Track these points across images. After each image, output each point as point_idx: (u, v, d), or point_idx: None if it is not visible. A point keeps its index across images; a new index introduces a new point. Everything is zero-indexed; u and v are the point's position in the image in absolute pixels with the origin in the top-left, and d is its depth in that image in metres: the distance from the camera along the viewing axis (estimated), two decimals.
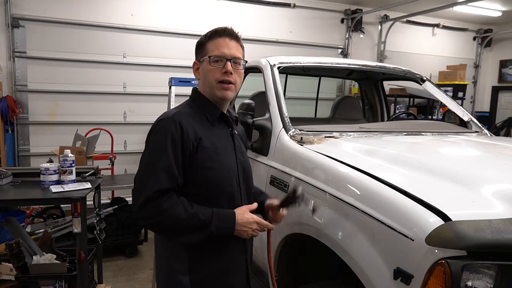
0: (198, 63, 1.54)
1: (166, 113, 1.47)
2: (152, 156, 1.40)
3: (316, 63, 3.03)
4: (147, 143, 1.44)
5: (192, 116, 1.47)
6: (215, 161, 1.45)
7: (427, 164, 1.73)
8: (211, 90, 1.50)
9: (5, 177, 2.74)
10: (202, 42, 1.52)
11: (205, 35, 1.52)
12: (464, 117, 2.97)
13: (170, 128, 1.38)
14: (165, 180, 1.35)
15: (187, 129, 1.40)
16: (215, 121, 1.52)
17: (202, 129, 1.46)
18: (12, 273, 2.80)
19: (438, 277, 1.21)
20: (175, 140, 1.38)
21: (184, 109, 1.49)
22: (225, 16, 6.01)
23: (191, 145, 1.40)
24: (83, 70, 5.36)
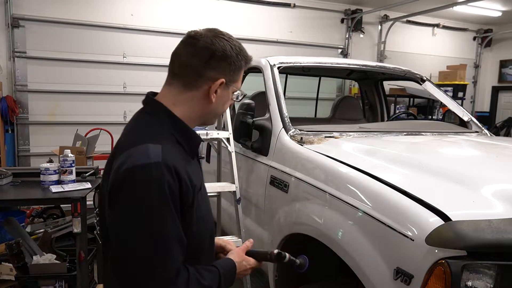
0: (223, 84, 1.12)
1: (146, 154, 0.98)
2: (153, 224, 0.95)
3: (316, 63, 3.04)
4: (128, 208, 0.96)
5: (179, 153, 1.07)
6: (203, 207, 1.11)
7: (427, 164, 1.73)
8: (212, 118, 1.21)
9: (5, 177, 2.74)
10: (241, 64, 1.14)
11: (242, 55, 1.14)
12: (464, 117, 2.97)
13: (166, 178, 0.96)
14: (178, 254, 0.98)
15: (184, 176, 1.01)
16: (195, 154, 1.18)
17: (189, 168, 1.07)
18: (12, 273, 2.80)
19: (438, 277, 1.21)
20: (174, 195, 0.98)
21: (168, 144, 1.04)
22: (225, 16, 6.01)
23: (190, 197, 1.03)
24: (83, 70, 5.36)
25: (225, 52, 1.10)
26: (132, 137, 1.06)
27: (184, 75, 1.12)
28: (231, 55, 1.11)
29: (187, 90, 1.12)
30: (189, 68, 1.11)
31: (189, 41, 1.13)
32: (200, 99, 1.12)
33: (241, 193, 2.56)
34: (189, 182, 1.03)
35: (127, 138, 1.07)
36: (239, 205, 2.53)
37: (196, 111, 1.14)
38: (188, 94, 1.12)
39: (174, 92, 1.13)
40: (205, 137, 2.67)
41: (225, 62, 1.11)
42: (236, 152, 2.63)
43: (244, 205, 2.58)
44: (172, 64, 1.15)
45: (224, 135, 2.64)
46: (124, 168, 0.97)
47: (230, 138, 2.62)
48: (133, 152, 0.99)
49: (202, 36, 1.11)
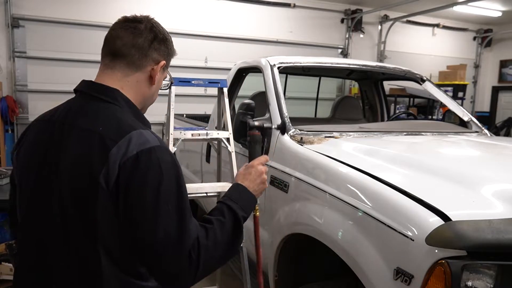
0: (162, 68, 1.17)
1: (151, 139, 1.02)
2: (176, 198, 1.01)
3: (316, 63, 3.03)
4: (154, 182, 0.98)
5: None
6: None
7: (427, 164, 1.73)
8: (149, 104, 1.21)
9: (5, 177, 2.75)
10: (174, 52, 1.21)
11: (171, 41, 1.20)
12: (464, 117, 2.97)
13: (172, 158, 1.04)
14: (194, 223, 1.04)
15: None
16: None
17: None
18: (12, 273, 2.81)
19: (438, 277, 1.21)
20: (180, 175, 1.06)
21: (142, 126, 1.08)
22: (225, 16, 6.02)
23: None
24: (83, 70, 5.37)
25: (165, 35, 1.16)
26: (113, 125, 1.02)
27: (128, 55, 1.10)
28: (169, 39, 1.18)
29: (132, 71, 1.11)
30: (133, 49, 1.10)
31: (130, 24, 1.13)
32: (143, 81, 1.13)
33: None
34: None
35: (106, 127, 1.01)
36: None
37: (140, 94, 1.14)
38: (133, 76, 1.11)
39: (119, 75, 1.11)
40: (205, 137, 2.66)
41: (165, 46, 1.16)
42: (236, 152, 2.63)
43: None
44: (111, 46, 1.11)
45: (224, 135, 2.63)
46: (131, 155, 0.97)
47: (230, 138, 2.61)
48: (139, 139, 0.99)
49: (142, 20, 1.14)
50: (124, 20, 1.15)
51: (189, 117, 5.05)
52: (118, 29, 1.12)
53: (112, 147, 0.97)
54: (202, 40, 5.89)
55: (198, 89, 5.77)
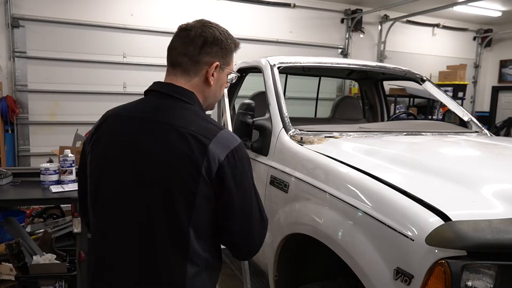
0: (218, 67, 1.25)
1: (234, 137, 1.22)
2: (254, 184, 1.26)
3: (316, 63, 3.04)
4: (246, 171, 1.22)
5: None
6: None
7: (427, 164, 1.73)
8: (213, 103, 1.34)
9: (5, 177, 2.74)
10: (231, 48, 1.28)
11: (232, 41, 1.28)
12: (464, 117, 2.97)
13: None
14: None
15: None
16: None
17: None
18: (12, 273, 2.80)
19: (438, 277, 1.21)
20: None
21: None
22: (225, 16, 6.01)
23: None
24: (83, 70, 5.37)
25: (215, 37, 1.22)
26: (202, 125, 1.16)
27: (182, 64, 1.22)
28: (221, 39, 1.23)
29: (190, 77, 1.23)
30: (186, 57, 1.21)
31: (182, 33, 1.23)
32: (201, 84, 1.24)
33: None
34: None
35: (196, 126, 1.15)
36: None
37: (201, 96, 1.25)
38: (192, 82, 1.23)
39: (182, 81, 1.23)
40: None
41: (217, 47, 1.23)
42: None
43: None
44: (170, 56, 1.26)
45: None
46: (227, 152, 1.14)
47: None
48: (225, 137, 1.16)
49: (192, 27, 1.22)
50: (179, 30, 1.25)
51: None
52: (174, 39, 1.25)
53: (208, 144, 1.12)
54: None
55: None
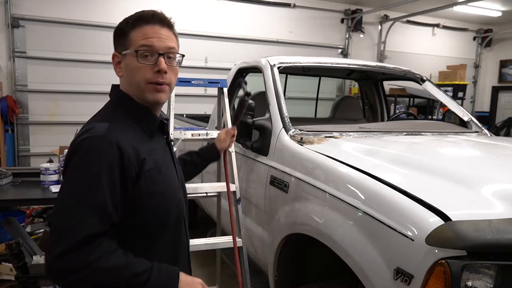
0: (119, 56, 1.20)
1: (93, 127, 1.08)
2: (78, 191, 1.02)
3: (316, 63, 3.03)
4: (71, 167, 1.05)
5: (128, 130, 1.13)
6: (160, 183, 1.16)
7: (427, 164, 1.73)
8: (139, 92, 1.17)
9: (5, 177, 2.75)
10: (124, 30, 1.18)
11: (126, 21, 1.19)
12: (464, 117, 2.97)
13: (105, 152, 1.04)
14: (95, 223, 1.01)
15: (127, 151, 1.07)
16: (153, 132, 1.22)
17: (142, 145, 1.13)
18: (12, 273, 2.80)
19: (438, 277, 1.21)
20: (112, 168, 1.04)
21: (115, 120, 1.13)
22: (225, 16, 6.02)
23: (133, 171, 1.08)
24: (83, 70, 5.37)
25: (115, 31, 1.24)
26: (90, 120, 1.18)
27: None
28: (117, 29, 1.22)
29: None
30: None
31: None
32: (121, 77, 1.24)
33: (241, 193, 2.56)
34: (135, 158, 1.08)
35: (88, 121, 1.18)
36: (239, 205, 2.53)
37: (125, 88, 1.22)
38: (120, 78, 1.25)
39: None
40: (205, 137, 2.66)
41: (116, 39, 1.24)
42: (236, 152, 2.63)
43: (244, 205, 2.58)
44: None
45: None
46: (74, 143, 1.09)
47: None
48: (82, 130, 1.11)
49: None
50: None
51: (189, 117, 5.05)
52: None
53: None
54: (202, 40, 5.88)
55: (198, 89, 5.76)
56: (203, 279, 1.22)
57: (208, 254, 3.57)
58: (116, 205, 1.05)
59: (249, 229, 2.57)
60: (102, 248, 1.01)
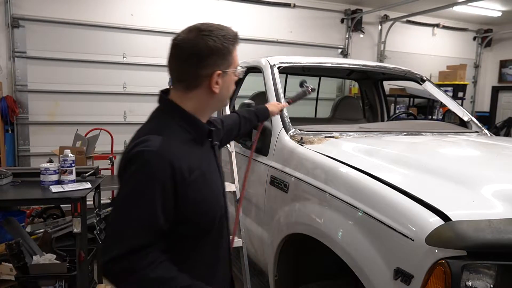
0: (221, 74, 1.20)
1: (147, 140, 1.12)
2: (133, 202, 1.10)
3: (316, 63, 3.04)
4: (127, 179, 1.13)
5: (181, 142, 1.18)
6: (206, 190, 1.21)
7: (427, 164, 1.73)
8: (224, 102, 1.31)
9: (5, 177, 2.74)
10: (229, 48, 1.20)
11: (227, 39, 1.19)
12: (464, 117, 2.97)
13: (159, 168, 1.09)
14: (147, 235, 1.09)
15: (180, 166, 1.11)
16: (204, 141, 1.27)
17: (193, 155, 1.19)
18: (12, 273, 2.80)
19: (438, 277, 1.21)
20: (164, 184, 1.09)
21: (168, 132, 1.17)
22: (225, 16, 6.01)
23: (185, 184, 1.13)
24: (83, 70, 5.36)
25: (209, 48, 1.17)
26: (142, 131, 1.20)
27: (183, 80, 1.21)
28: (217, 47, 1.17)
29: (190, 91, 1.21)
30: (185, 74, 1.20)
31: (174, 52, 1.20)
32: (205, 94, 1.21)
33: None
34: (187, 170, 1.13)
35: (139, 133, 1.20)
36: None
37: (204, 104, 1.24)
38: (192, 93, 1.21)
39: (179, 93, 1.22)
40: None
41: (215, 56, 1.18)
42: (236, 152, 2.63)
43: (244, 205, 2.58)
44: (170, 73, 1.24)
45: None
46: (127, 152, 1.14)
47: None
48: (137, 142, 1.13)
49: (184, 41, 1.18)
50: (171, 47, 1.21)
51: None
52: (169, 55, 1.22)
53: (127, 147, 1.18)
54: None
55: None
56: None
57: None
58: (167, 217, 1.11)
59: (249, 229, 2.57)
60: (150, 259, 1.08)
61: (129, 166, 1.12)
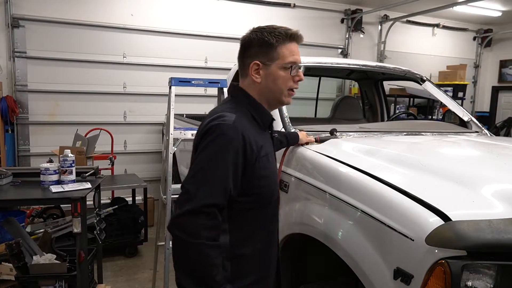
0: (260, 65, 1.39)
1: (224, 116, 1.31)
2: (210, 164, 1.25)
3: (316, 63, 3.03)
4: (204, 146, 1.28)
5: (249, 123, 1.37)
6: (268, 169, 1.38)
7: (427, 164, 1.73)
8: (278, 96, 1.43)
9: (5, 177, 2.74)
10: (272, 43, 1.37)
11: (273, 36, 1.37)
12: (464, 117, 2.97)
13: (233, 138, 1.26)
14: (218, 195, 1.23)
15: (249, 139, 1.29)
16: (266, 128, 1.48)
17: (260, 137, 1.38)
18: (12, 273, 2.80)
19: (438, 277, 1.21)
20: (237, 152, 1.26)
21: (241, 114, 1.35)
22: (225, 16, 6.01)
23: (253, 157, 1.30)
24: (83, 70, 5.37)
25: (250, 40, 1.40)
26: (215, 111, 1.39)
27: (239, 68, 1.47)
28: (257, 39, 1.37)
29: (244, 79, 1.44)
30: (239, 63, 1.47)
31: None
32: (251, 82, 1.42)
33: None
34: (255, 145, 1.31)
35: (212, 112, 1.39)
36: None
37: (259, 91, 1.42)
38: (246, 81, 1.44)
39: (241, 81, 1.46)
40: None
41: (255, 48, 1.39)
42: None
43: None
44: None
45: None
46: (205, 125, 1.31)
47: None
48: (214, 117, 1.31)
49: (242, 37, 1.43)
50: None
51: (189, 117, 5.05)
52: None
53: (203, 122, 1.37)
54: (202, 40, 5.88)
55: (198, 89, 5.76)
56: None
57: None
58: (236, 182, 1.27)
59: None
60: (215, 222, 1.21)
61: (206, 136, 1.28)
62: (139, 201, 4.54)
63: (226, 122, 1.28)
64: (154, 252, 3.15)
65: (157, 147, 5.75)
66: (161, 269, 2.91)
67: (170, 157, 2.57)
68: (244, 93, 1.43)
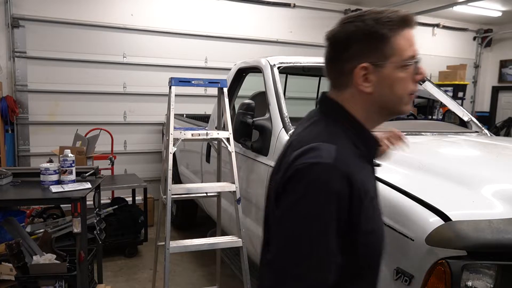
0: (370, 68, 0.94)
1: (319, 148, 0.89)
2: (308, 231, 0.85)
3: (316, 63, 3.04)
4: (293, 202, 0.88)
5: (354, 155, 0.95)
6: (375, 219, 0.97)
7: (427, 164, 1.73)
8: (395, 106, 1.00)
9: (5, 177, 2.74)
10: (384, 35, 0.93)
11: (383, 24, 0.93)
12: (464, 117, 2.97)
13: (336, 188, 0.85)
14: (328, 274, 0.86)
15: (357, 184, 0.88)
16: (372, 158, 1.07)
17: (363, 172, 0.96)
18: (12, 273, 2.80)
19: (438, 277, 1.21)
20: (342, 206, 0.86)
21: (343, 143, 0.94)
22: (225, 16, 6.01)
23: (359, 208, 0.89)
24: (83, 70, 5.36)
25: (349, 34, 0.95)
26: (304, 136, 0.97)
27: (329, 78, 1.03)
28: (360, 32, 0.94)
29: (342, 90, 1.00)
30: (329, 71, 1.02)
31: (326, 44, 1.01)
32: (357, 95, 0.98)
33: (241, 193, 2.56)
34: (363, 189, 0.90)
35: (302, 136, 0.98)
36: (239, 205, 2.53)
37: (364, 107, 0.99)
38: (344, 94, 1.00)
39: (336, 94, 1.02)
40: (205, 137, 2.67)
41: (358, 44, 0.94)
42: (236, 152, 2.63)
43: (244, 205, 2.58)
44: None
45: (224, 135, 2.64)
46: (295, 164, 0.89)
47: (230, 138, 2.62)
48: (303, 150, 0.90)
49: (328, 33, 0.99)
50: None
51: (189, 117, 5.05)
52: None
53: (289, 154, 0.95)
54: (202, 40, 5.88)
55: (198, 89, 5.76)
56: (203, 279, 1.22)
57: (208, 254, 3.57)
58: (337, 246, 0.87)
59: (249, 229, 2.57)
60: None
61: (297, 181, 0.88)
62: (139, 201, 4.54)
63: (323, 161, 0.86)
64: (154, 252, 3.15)
65: (157, 147, 5.75)
66: (161, 269, 2.91)
67: (170, 157, 2.58)
68: (343, 112, 0.99)
